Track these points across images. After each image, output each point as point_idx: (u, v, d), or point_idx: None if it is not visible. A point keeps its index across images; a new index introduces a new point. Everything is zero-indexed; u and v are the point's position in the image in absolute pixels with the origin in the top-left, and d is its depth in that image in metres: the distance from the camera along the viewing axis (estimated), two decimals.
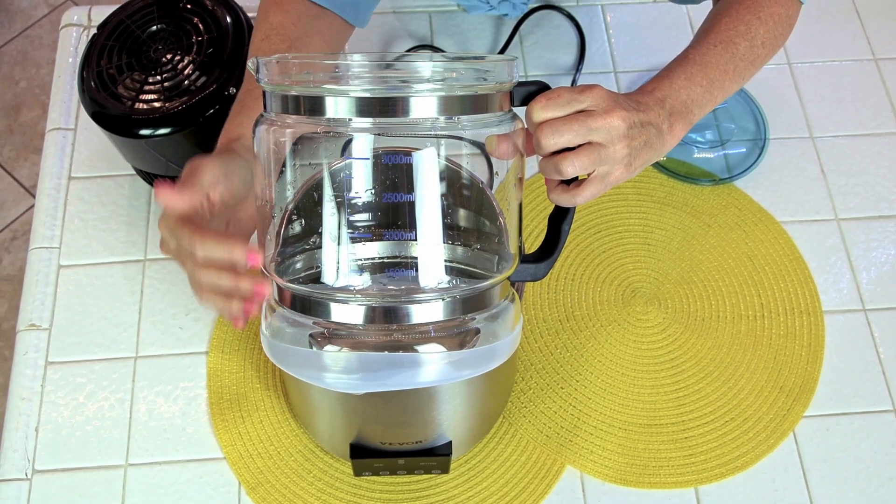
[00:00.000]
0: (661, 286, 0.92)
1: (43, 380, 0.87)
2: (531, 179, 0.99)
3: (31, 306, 0.91)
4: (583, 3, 1.12)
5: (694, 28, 1.09)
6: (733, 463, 0.83)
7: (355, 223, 0.62)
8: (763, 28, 0.73)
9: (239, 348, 0.88)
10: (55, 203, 0.97)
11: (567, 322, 0.90)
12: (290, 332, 0.61)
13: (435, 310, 0.59)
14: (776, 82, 1.05)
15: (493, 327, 0.62)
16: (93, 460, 0.83)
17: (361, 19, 0.84)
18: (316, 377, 0.60)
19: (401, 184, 0.60)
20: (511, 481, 0.82)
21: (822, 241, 0.95)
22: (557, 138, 0.59)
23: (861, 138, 1.02)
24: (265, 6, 0.79)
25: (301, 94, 0.56)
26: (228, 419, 0.85)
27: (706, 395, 0.86)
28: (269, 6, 0.78)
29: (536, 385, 0.87)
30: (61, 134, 1.01)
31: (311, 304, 0.60)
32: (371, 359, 0.59)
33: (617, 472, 0.83)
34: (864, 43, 1.09)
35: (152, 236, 0.95)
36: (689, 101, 0.68)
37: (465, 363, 0.60)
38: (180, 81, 0.85)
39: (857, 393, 0.87)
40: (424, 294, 0.59)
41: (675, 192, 0.98)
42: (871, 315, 0.91)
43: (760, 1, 0.74)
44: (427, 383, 0.61)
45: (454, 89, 0.55)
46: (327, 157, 0.63)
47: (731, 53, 0.71)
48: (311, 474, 0.82)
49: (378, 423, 0.75)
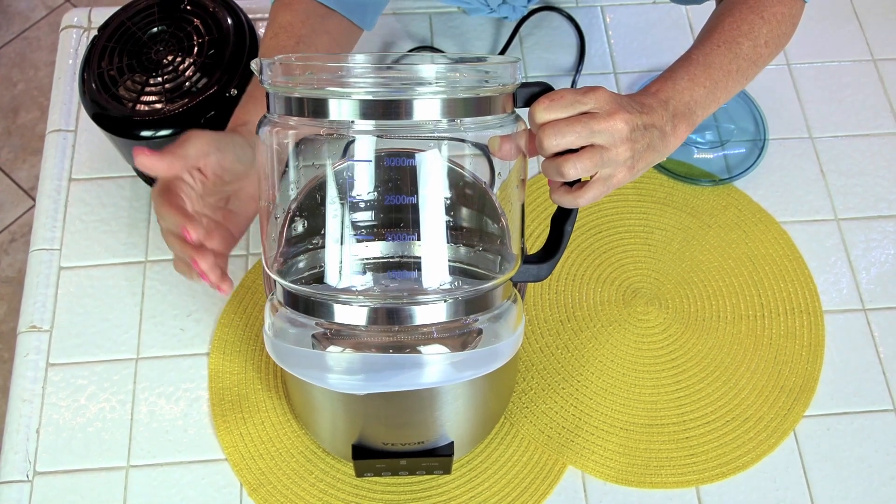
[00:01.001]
0: (662, 286, 0.92)
1: (44, 381, 0.87)
2: (533, 180, 0.99)
3: (32, 308, 0.91)
4: (582, 4, 1.12)
5: (693, 29, 1.10)
6: (734, 463, 0.83)
7: (358, 224, 0.62)
8: (766, 27, 0.73)
9: (240, 349, 0.88)
10: (56, 205, 0.97)
11: (568, 322, 0.90)
12: (292, 333, 0.61)
13: (437, 311, 0.59)
14: (775, 83, 1.06)
15: (496, 328, 0.62)
16: (94, 462, 0.83)
17: (369, 22, 0.85)
18: (318, 378, 0.60)
19: (403, 185, 0.60)
20: (513, 482, 0.82)
21: (822, 241, 0.96)
22: (559, 140, 0.59)
23: (860, 138, 1.02)
24: (274, 8, 0.80)
25: (304, 95, 0.56)
26: (230, 420, 0.85)
27: (707, 395, 0.87)
28: (278, 7, 0.79)
29: (538, 385, 0.87)
30: (62, 136, 1.01)
31: (314, 304, 0.60)
32: (373, 359, 0.59)
33: (618, 472, 0.83)
34: (862, 44, 1.09)
35: (153, 238, 0.95)
36: (692, 102, 0.68)
37: (468, 364, 0.60)
38: (181, 83, 0.85)
39: (858, 392, 0.87)
40: (427, 295, 0.59)
41: (676, 192, 0.98)
42: (870, 315, 0.91)
43: (763, 0, 0.74)
44: (429, 384, 0.61)
45: (457, 91, 0.55)
46: (330, 159, 0.63)
47: (734, 53, 0.71)
48: (313, 475, 0.82)
49: (380, 424, 0.75)
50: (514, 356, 0.65)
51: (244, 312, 0.90)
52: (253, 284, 0.92)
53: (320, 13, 0.80)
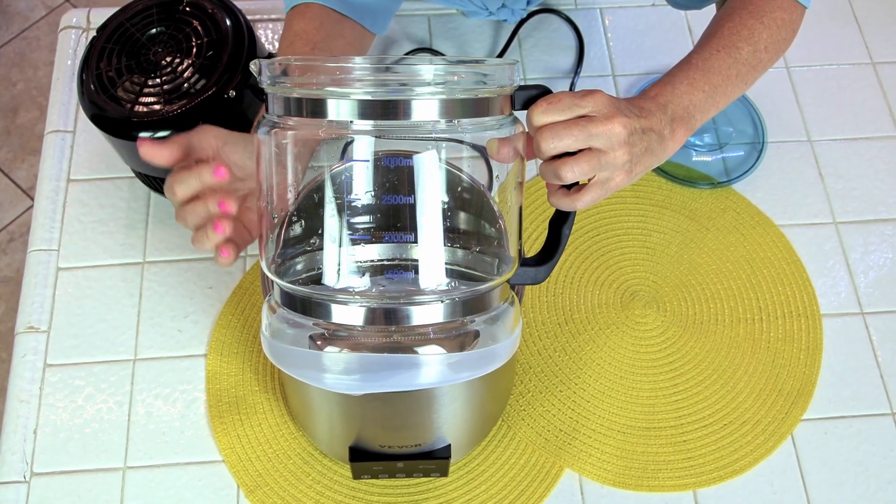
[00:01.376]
0: (660, 289, 0.92)
1: (41, 382, 0.87)
2: (531, 182, 0.99)
3: (30, 308, 0.91)
4: (581, 6, 1.12)
5: (692, 32, 1.10)
6: (731, 466, 0.83)
7: (355, 225, 0.62)
8: (766, 32, 0.73)
9: (238, 351, 0.88)
10: (54, 205, 0.97)
11: (566, 325, 0.90)
12: (290, 333, 0.61)
13: (434, 312, 0.59)
14: (774, 86, 1.06)
15: (493, 330, 0.62)
16: (91, 463, 0.83)
17: (380, 26, 0.87)
18: (315, 378, 0.60)
19: (401, 186, 0.60)
20: (510, 484, 0.82)
21: (821, 245, 0.95)
22: (557, 142, 0.59)
23: (859, 142, 1.02)
24: (289, 17, 0.81)
25: (303, 95, 0.56)
26: (227, 422, 0.85)
27: (704, 399, 0.87)
28: (292, 16, 0.81)
29: (535, 388, 0.87)
30: (60, 136, 1.01)
31: (312, 305, 0.60)
32: (370, 360, 0.59)
33: (615, 476, 0.83)
34: (861, 47, 1.09)
35: (151, 239, 0.95)
36: (691, 106, 0.68)
37: (465, 365, 0.60)
38: (180, 84, 0.85)
39: (855, 396, 0.87)
40: (424, 296, 0.59)
41: (674, 195, 0.98)
42: (868, 318, 0.91)
43: (764, 5, 0.74)
44: (426, 385, 0.61)
45: (455, 93, 0.56)
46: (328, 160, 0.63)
47: (733, 58, 0.71)
48: (310, 477, 0.82)
49: (377, 426, 0.75)
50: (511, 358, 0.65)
51: (242, 314, 0.90)
52: (251, 286, 0.92)
53: (334, 19, 0.82)
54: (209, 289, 0.92)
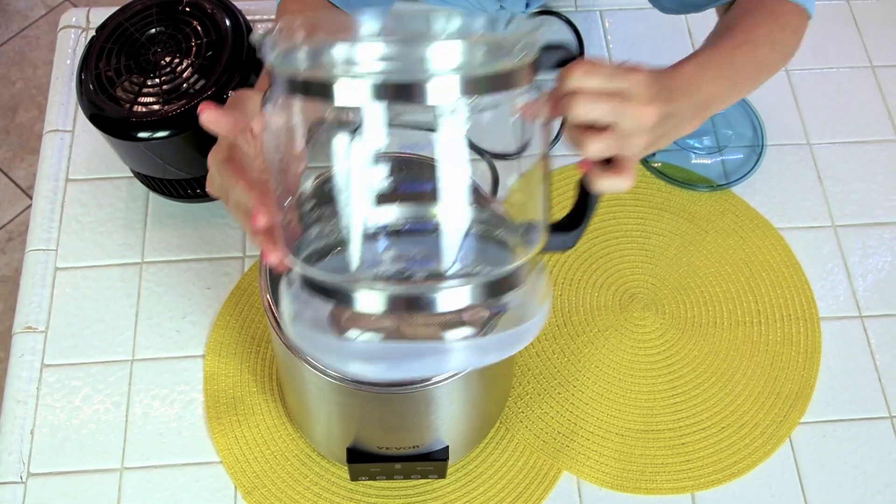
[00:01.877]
0: (659, 292, 0.92)
1: (39, 382, 0.87)
2: None
3: (28, 308, 0.91)
4: (581, 8, 1.12)
5: (692, 34, 1.10)
6: (730, 469, 0.83)
7: (376, 209, 0.60)
8: (780, 35, 0.73)
9: (236, 352, 0.88)
10: (52, 205, 0.97)
11: (564, 327, 0.90)
12: (309, 318, 0.59)
13: (461, 294, 0.57)
14: (774, 89, 1.06)
15: (522, 306, 0.60)
16: (88, 464, 0.83)
17: None
18: (337, 365, 0.58)
19: (423, 168, 0.58)
20: (508, 486, 0.82)
21: (819, 248, 0.95)
22: (590, 111, 0.57)
23: (858, 145, 1.02)
24: (283, 2, 0.80)
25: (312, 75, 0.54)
26: (225, 423, 0.85)
27: (703, 401, 0.86)
28: (285, 1, 0.80)
29: (533, 390, 0.87)
30: (59, 136, 1.01)
31: (332, 290, 0.58)
32: (394, 347, 0.57)
33: (613, 478, 0.83)
34: (861, 50, 1.09)
35: (149, 239, 0.95)
36: (713, 95, 0.67)
37: (492, 346, 0.58)
38: (179, 84, 0.85)
39: (854, 399, 0.87)
40: (449, 279, 0.57)
41: (673, 197, 0.98)
42: (867, 322, 0.91)
43: (777, 10, 0.74)
44: (453, 370, 0.59)
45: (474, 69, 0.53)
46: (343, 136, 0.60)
47: (752, 55, 0.71)
48: (308, 479, 0.82)
49: (375, 427, 0.75)
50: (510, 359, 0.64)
51: (240, 315, 0.90)
52: (249, 287, 0.92)
53: (327, 7, 0.81)
54: (207, 289, 0.92)
